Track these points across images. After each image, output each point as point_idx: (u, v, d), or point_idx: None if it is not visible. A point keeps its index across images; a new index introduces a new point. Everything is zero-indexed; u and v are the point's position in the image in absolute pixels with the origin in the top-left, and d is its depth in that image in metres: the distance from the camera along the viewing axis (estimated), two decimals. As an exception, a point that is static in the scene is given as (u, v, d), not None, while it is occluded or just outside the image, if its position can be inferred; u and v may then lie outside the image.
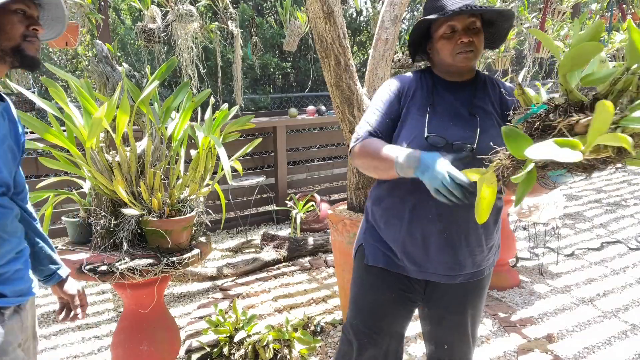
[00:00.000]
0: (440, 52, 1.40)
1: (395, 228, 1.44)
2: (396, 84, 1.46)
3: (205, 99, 2.14)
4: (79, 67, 6.97)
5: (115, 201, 1.90)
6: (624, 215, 4.66)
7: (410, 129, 1.39)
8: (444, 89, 1.44)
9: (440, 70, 1.46)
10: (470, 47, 1.35)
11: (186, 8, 3.60)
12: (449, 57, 1.38)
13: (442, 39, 1.38)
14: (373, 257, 1.50)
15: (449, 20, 1.35)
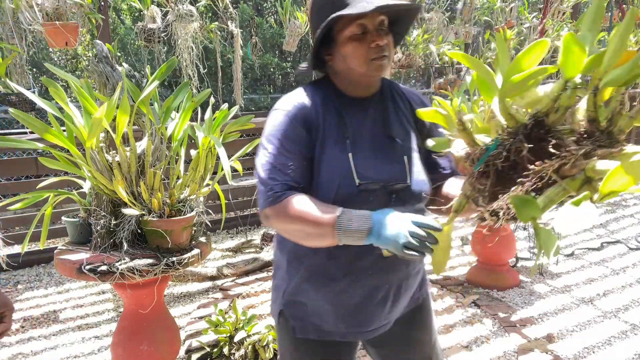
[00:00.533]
0: (348, 58, 1.11)
1: (326, 290, 1.18)
2: (297, 110, 1.13)
3: (205, 99, 2.14)
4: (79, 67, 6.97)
5: (115, 201, 1.90)
6: (624, 215, 4.66)
7: (333, 173, 1.10)
8: (352, 109, 1.17)
9: (346, 82, 1.17)
10: (384, 51, 1.10)
11: (186, 8, 3.60)
12: (361, 64, 1.10)
13: (351, 42, 1.09)
14: (300, 327, 1.23)
15: (359, 18, 1.07)
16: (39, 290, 3.34)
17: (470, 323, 2.74)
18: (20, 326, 2.83)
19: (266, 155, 1.10)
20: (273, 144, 1.11)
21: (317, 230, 1.01)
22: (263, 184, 1.09)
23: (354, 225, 0.97)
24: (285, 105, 1.14)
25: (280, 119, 1.12)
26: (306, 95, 1.15)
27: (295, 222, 1.03)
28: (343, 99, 1.17)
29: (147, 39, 3.73)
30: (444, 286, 3.21)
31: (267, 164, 1.09)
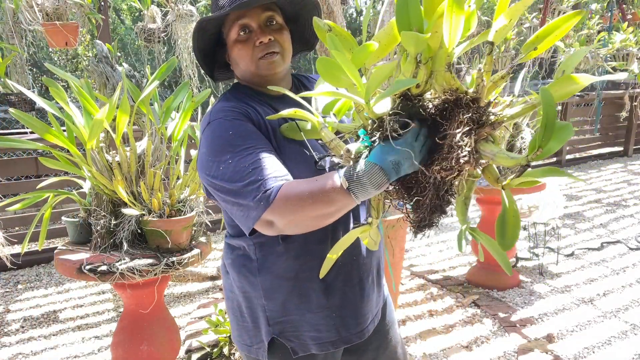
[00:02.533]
0: (238, 60, 1.09)
1: (315, 296, 1.11)
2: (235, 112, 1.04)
3: (205, 99, 2.14)
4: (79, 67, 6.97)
5: (115, 201, 1.90)
6: (624, 215, 4.66)
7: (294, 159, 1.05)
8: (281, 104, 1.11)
9: (254, 83, 1.13)
10: (272, 48, 1.05)
11: (186, 8, 3.60)
12: (250, 64, 1.07)
13: (236, 44, 1.07)
14: (300, 345, 1.13)
15: (238, 18, 1.04)
16: (39, 290, 3.34)
17: (470, 323, 2.74)
18: (20, 326, 2.84)
19: (230, 165, 0.95)
20: (230, 151, 0.96)
21: (331, 201, 0.86)
22: (242, 194, 0.93)
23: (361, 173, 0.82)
24: (219, 114, 1.03)
25: (223, 126, 1.00)
26: (232, 100, 1.07)
27: (305, 207, 0.88)
28: (266, 96, 1.12)
29: (147, 39, 3.73)
30: (444, 286, 3.21)
31: (236, 172, 0.94)
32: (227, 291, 1.22)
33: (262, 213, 0.91)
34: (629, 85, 6.31)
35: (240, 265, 1.13)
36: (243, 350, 1.21)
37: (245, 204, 0.93)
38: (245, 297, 1.15)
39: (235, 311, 1.20)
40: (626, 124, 7.18)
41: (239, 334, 1.20)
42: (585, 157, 7.09)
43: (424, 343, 2.53)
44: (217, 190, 0.99)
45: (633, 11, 5.44)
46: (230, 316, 1.24)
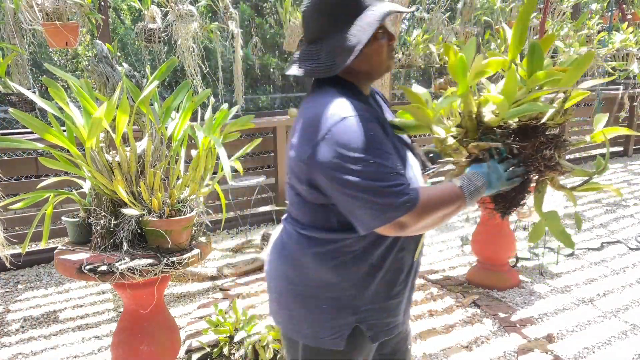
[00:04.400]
0: (373, 57, 1.14)
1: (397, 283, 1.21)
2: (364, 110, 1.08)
3: (205, 99, 2.14)
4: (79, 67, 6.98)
5: (115, 201, 1.90)
6: (624, 215, 4.66)
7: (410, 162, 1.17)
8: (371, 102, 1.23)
9: (363, 81, 1.19)
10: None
11: (186, 8, 3.60)
12: (383, 63, 1.16)
13: (377, 41, 1.13)
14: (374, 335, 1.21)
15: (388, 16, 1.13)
16: (39, 290, 3.34)
17: (470, 323, 2.74)
18: (20, 326, 2.84)
19: (372, 165, 0.99)
20: (372, 151, 1.00)
21: (454, 206, 1.08)
22: (384, 195, 0.99)
23: (477, 184, 1.10)
24: (353, 111, 1.04)
25: (362, 125, 1.03)
26: (350, 97, 1.10)
27: (438, 211, 1.05)
28: (364, 96, 1.20)
29: (147, 39, 3.73)
30: (444, 286, 3.21)
31: (379, 173, 0.99)
32: (290, 284, 1.20)
33: (403, 215, 1.01)
34: (628, 85, 6.31)
35: (329, 258, 1.14)
36: (304, 341, 1.21)
37: (382, 204, 1.00)
38: (327, 288, 1.16)
39: (306, 303, 1.19)
40: (626, 124, 7.18)
41: (301, 326, 1.20)
42: (585, 157, 7.09)
43: (424, 343, 2.53)
44: (344, 185, 1.01)
45: (633, 11, 5.44)
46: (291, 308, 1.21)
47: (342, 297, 1.16)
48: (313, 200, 1.12)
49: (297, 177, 1.12)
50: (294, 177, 1.14)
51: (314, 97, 1.16)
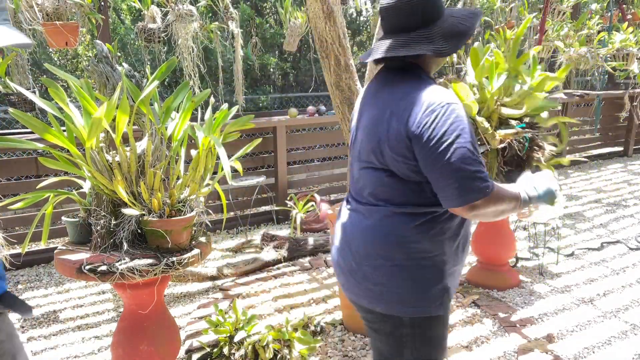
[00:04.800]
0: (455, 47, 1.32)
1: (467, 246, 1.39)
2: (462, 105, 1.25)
3: (205, 99, 2.14)
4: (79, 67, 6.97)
5: (115, 201, 1.90)
6: (624, 215, 4.66)
7: None
8: None
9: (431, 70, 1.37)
10: None
11: (186, 8, 3.60)
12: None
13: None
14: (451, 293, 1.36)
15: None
16: (39, 290, 3.34)
17: (470, 323, 2.74)
18: (20, 326, 2.84)
19: (466, 151, 1.14)
20: (467, 137, 1.15)
21: (512, 206, 1.23)
22: (470, 178, 1.14)
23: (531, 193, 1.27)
24: (454, 98, 1.20)
25: (462, 111, 1.17)
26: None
27: (503, 203, 1.20)
28: None
29: (147, 39, 3.73)
30: (444, 286, 3.21)
31: (469, 158, 1.14)
32: (396, 263, 1.28)
33: (480, 198, 1.14)
34: (628, 85, 6.31)
35: (428, 229, 1.27)
36: (413, 314, 1.29)
37: (466, 186, 1.14)
38: (429, 258, 1.28)
39: (414, 276, 1.28)
40: (626, 124, 7.18)
41: (410, 301, 1.28)
42: (585, 157, 7.10)
43: None
44: (443, 164, 1.14)
45: (633, 11, 5.44)
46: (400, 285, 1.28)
47: (439, 263, 1.29)
48: (408, 178, 1.24)
49: (395, 155, 1.22)
50: (389, 157, 1.24)
51: (412, 82, 1.26)
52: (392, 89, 1.29)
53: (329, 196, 5.31)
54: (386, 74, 1.36)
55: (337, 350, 2.46)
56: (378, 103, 1.30)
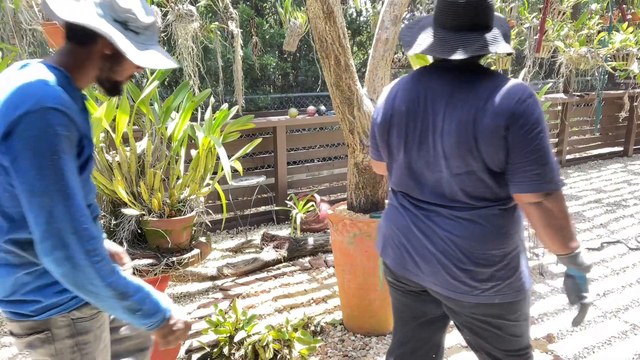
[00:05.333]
0: None
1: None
2: None
3: (205, 99, 2.14)
4: (79, 67, 6.97)
5: (115, 201, 1.90)
6: (624, 215, 4.66)
7: None
8: None
9: None
10: None
11: (186, 8, 3.60)
12: None
13: None
14: None
15: None
16: (39, 290, 3.33)
17: (470, 323, 2.73)
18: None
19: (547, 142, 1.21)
20: (547, 131, 1.22)
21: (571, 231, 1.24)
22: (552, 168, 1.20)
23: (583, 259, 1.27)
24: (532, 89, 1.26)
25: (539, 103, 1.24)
26: None
27: (567, 215, 1.23)
28: None
29: (147, 39, 3.72)
30: (444, 286, 3.21)
31: (550, 149, 1.21)
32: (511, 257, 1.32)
33: (554, 190, 1.20)
34: (629, 85, 6.30)
35: (518, 219, 1.35)
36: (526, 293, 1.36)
37: (547, 174, 1.19)
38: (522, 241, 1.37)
39: (523, 261, 1.35)
40: (626, 124, 7.18)
41: (524, 283, 1.34)
42: (585, 157, 7.09)
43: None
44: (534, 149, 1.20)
45: (633, 11, 5.44)
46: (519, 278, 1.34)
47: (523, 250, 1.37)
48: (501, 170, 1.25)
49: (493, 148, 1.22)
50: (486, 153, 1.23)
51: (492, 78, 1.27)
52: (474, 88, 1.26)
53: (329, 196, 5.32)
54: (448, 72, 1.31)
55: (337, 350, 2.46)
56: (459, 104, 1.25)
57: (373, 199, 2.53)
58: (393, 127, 1.36)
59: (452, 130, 1.25)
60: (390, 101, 1.38)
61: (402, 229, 1.39)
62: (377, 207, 2.55)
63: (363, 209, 2.54)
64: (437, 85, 1.30)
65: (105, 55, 1.13)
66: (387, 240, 1.45)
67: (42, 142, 0.97)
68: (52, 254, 0.98)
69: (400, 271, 1.42)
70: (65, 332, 1.14)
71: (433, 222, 1.33)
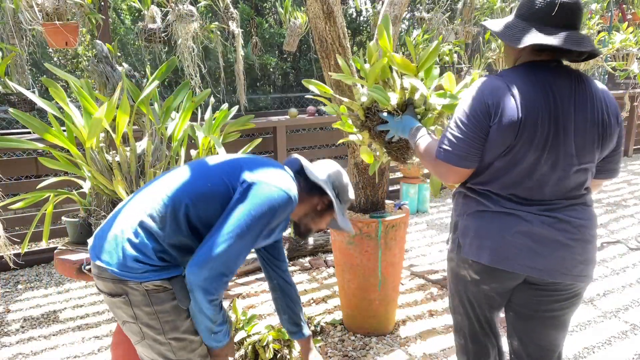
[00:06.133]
0: None
1: None
2: None
3: (205, 99, 2.14)
4: (78, 67, 6.98)
5: (115, 201, 1.90)
6: (624, 215, 4.66)
7: None
8: None
9: None
10: None
11: (186, 8, 3.60)
12: None
13: None
14: None
15: None
16: (39, 290, 3.34)
17: (470, 323, 2.73)
18: (20, 326, 2.84)
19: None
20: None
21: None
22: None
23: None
24: None
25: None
26: None
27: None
28: None
29: (147, 39, 3.73)
30: (444, 286, 3.20)
31: None
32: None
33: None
34: (629, 85, 6.30)
35: None
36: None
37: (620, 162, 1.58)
38: None
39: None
40: (626, 124, 7.19)
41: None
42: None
43: (424, 343, 2.53)
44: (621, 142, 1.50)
45: (633, 11, 5.44)
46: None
47: None
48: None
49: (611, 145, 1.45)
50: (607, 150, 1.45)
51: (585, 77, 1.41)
52: (588, 87, 1.38)
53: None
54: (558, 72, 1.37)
55: (337, 350, 2.46)
56: (585, 103, 1.36)
57: (373, 199, 2.53)
58: (525, 128, 1.30)
59: (586, 128, 1.35)
60: (510, 101, 1.31)
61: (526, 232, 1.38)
62: (377, 207, 2.55)
63: (363, 209, 2.54)
64: (559, 85, 1.34)
65: (316, 209, 1.54)
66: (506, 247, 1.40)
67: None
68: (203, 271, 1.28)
69: (511, 267, 1.41)
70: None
71: (560, 214, 1.42)
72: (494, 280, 1.49)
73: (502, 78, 1.36)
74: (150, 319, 1.32)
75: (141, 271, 1.28)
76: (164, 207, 1.31)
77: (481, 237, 1.41)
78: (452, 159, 1.36)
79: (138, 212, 1.32)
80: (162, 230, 1.30)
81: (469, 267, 1.48)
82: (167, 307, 1.32)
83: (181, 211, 1.31)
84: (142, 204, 1.34)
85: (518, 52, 1.41)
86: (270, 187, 1.33)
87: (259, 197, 1.31)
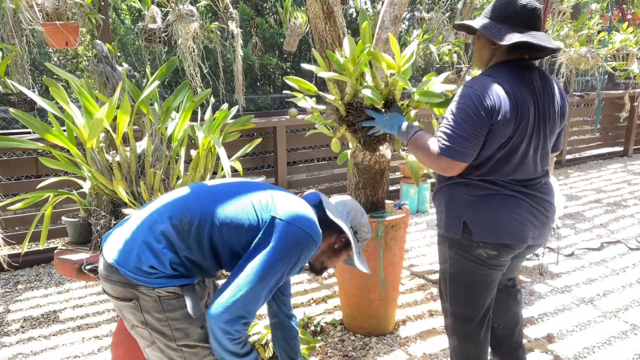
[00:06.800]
0: None
1: None
2: None
3: (205, 99, 2.14)
4: (78, 67, 6.98)
5: (115, 201, 1.90)
6: (624, 215, 4.66)
7: None
8: None
9: None
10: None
11: (186, 8, 3.60)
12: None
13: None
14: None
15: None
16: (39, 290, 3.34)
17: (470, 323, 2.73)
18: (20, 326, 2.84)
19: None
20: None
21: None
22: None
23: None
24: None
25: None
26: None
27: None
28: None
29: (147, 39, 3.72)
30: (444, 286, 3.21)
31: None
32: None
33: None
34: (629, 85, 6.30)
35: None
36: None
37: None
38: None
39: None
40: (626, 124, 7.18)
41: None
42: (585, 157, 7.09)
43: (424, 343, 2.53)
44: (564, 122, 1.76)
45: (633, 11, 5.44)
46: None
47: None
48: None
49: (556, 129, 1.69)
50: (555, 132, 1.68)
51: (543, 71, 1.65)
52: (550, 80, 1.64)
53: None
54: (530, 68, 1.61)
55: (337, 350, 2.46)
56: (553, 94, 1.62)
57: (373, 199, 2.53)
58: (522, 120, 1.52)
59: (556, 115, 1.62)
60: (507, 98, 1.51)
61: (526, 209, 1.60)
62: (377, 207, 2.55)
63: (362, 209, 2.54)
64: (536, 79, 1.58)
65: (333, 247, 1.55)
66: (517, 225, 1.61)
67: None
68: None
69: (522, 241, 1.63)
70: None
71: (540, 192, 1.63)
72: (508, 254, 1.67)
73: (493, 78, 1.54)
74: (161, 325, 1.33)
75: (155, 277, 1.28)
76: (190, 222, 1.31)
77: (496, 219, 1.59)
78: (455, 155, 1.51)
79: (163, 220, 1.32)
80: (184, 243, 1.31)
81: (484, 245, 1.63)
82: (178, 314, 1.32)
83: (205, 230, 1.32)
84: (169, 212, 1.34)
85: (493, 52, 1.62)
86: (298, 231, 1.33)
87: (286, 240, 1.31)
